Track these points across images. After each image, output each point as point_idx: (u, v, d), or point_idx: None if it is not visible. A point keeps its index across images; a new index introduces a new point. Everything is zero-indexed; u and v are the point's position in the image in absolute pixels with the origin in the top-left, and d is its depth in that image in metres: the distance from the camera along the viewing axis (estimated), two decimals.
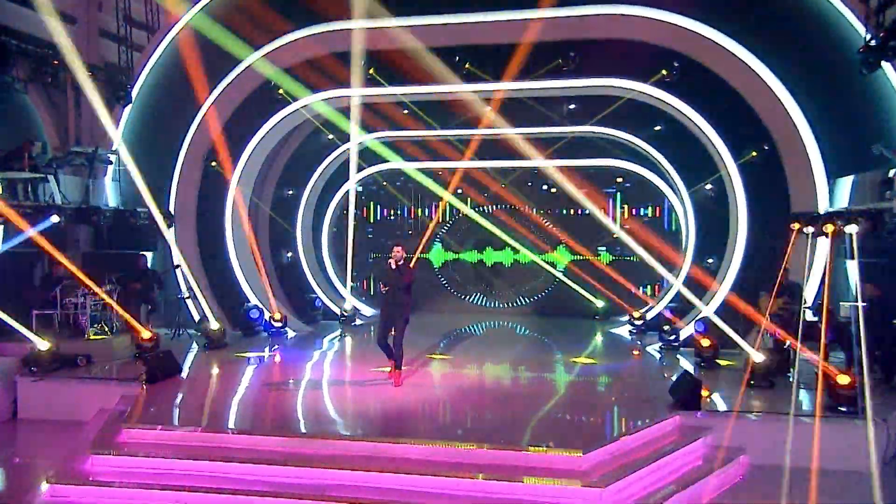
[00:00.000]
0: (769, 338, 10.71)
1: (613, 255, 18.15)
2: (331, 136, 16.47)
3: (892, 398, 8.95)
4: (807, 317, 10.51)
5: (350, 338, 15.10)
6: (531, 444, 7.20)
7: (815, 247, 11.45)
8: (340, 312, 16.76)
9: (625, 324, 15.98)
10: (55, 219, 11.51)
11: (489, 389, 10.35)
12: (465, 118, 15.30)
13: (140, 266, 13.64)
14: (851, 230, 9.46)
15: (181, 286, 14.12)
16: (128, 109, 14.17)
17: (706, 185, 14.76)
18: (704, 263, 14.81)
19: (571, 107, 15.74)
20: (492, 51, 12.96)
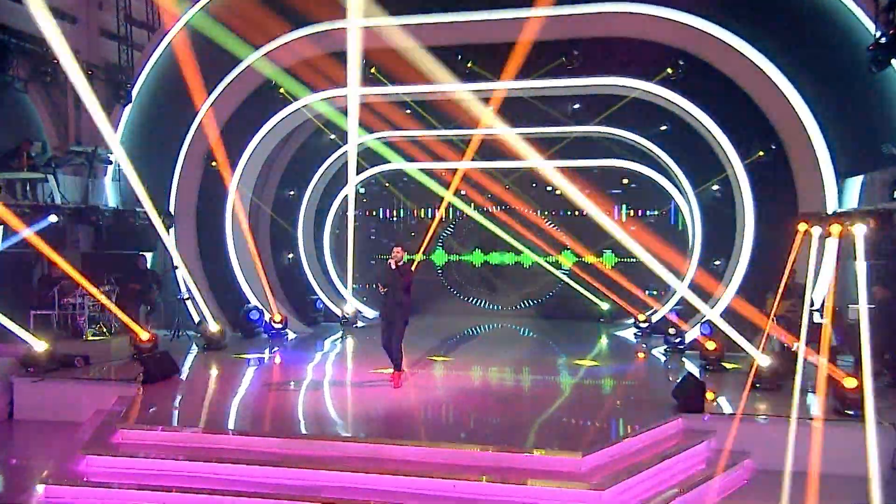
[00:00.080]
0: (775, 340, 10.54)
1: (618, 257, 17.96)
2: (332, 137, 16.38)
3: None
4: (815, 319, 10.32)
5: (351, 340, 15.00)
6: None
7: (824, 248, 11.26)
8: (342, 314, 16.65)
9: (630, 326, 15.84)
10: (53, 218, 11.49)
11: (489, 391, 10.26)
12: (468, 118, 15.17)
13: (139, 266, 13.57)
14: (859, 231, 9.27)
15: (181, 287, 14.04)
16: (128, 109, 14.12)
17: (713, 186, 14.58)
18: (711, 265, 14.63)
19: (576, 106, 15.63)
20: (494, 49, 12.81)
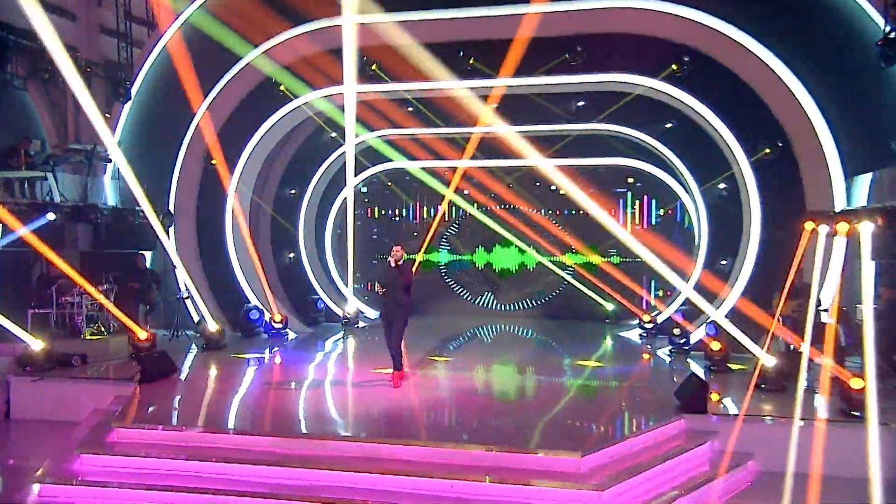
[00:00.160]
0: (781, 341, 10.37)
1: (623, 257, 17.77)
2: (334, 135, 16.28)
3: None
4: (822, 319, 10.14)
5: (352, 340, 14.89)
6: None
7: (832, 247, 11.07)
8: (343, 314, 16.53)
9: (635, 327, 15.68)
10: (51, 216, 11.43)
11: (490, 392, 10.18)
12: (471, 116, 15.04)
13: (139, 265, 13.50)
14: (865, 229, 9.09)
15: (180, 286, 13.96)
16: (127, 107, 14.08)
17: (719, 184, 14.40)
18: (717, 265, 14.44)
19: (580, 104, 15.48)
20: (497, 46, 12.65)
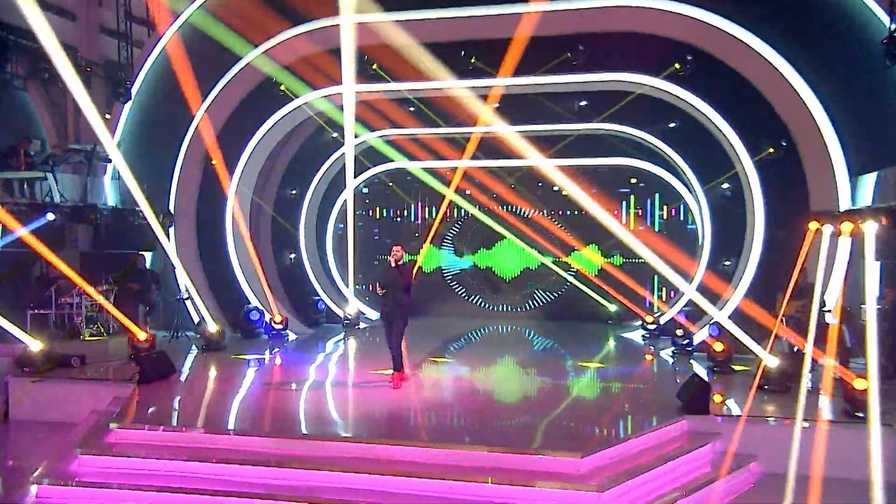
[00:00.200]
0: (784, 341, 10.27)
1: (626, 258, 17.67)
2: (335, 135, 16.23)
3: None
4: (826, 320, 10.04)
5: (352, 341, 14.82)
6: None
7: (836, 247, 10.97)
8: (344, 315, 16.46)
9: (637, 328, 15.59)
10: (50, 216, 11.40)
11: (491, 393, 10.10)
12: (471, 116, 14.97)
13: (138, 266, 13.45)
14: (870, 229, 8.98)
15: (180, 287, 13.91)
16: (127, 107, 14.06)
17: (722, 184, 14.29)
18: (721, 266, 14.33)
19: (582, 103, 15.40)
20: (498, 46, 12.57)
